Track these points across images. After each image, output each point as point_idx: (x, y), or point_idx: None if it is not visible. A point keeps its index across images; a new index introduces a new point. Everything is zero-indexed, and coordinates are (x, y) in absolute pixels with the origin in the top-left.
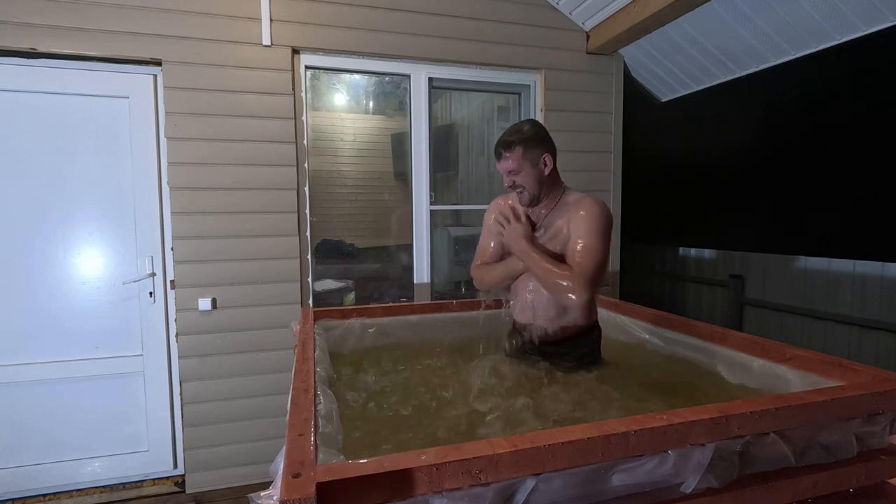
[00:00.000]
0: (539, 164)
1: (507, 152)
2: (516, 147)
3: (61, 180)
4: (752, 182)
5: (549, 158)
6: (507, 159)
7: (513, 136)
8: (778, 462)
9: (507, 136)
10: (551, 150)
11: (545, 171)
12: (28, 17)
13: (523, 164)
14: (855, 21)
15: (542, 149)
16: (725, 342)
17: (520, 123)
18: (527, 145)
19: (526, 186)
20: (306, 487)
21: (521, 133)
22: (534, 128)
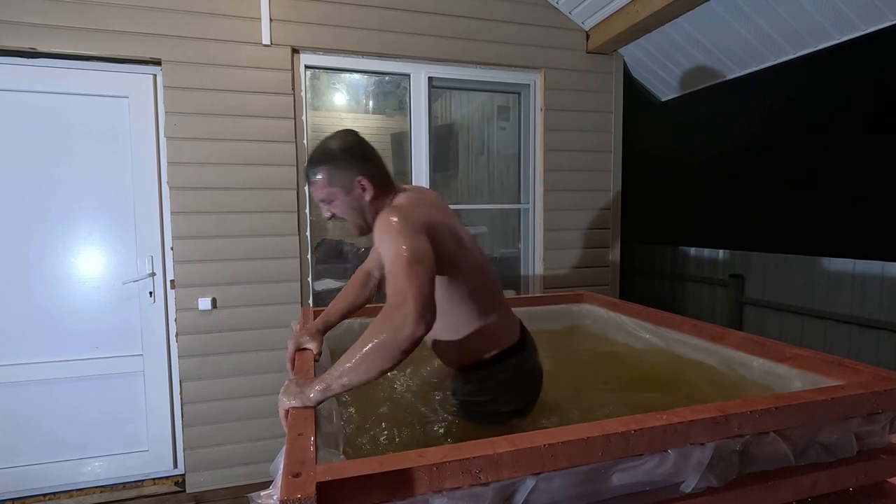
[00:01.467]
0: (353, 190)
1: (313, 177)
2: (321, 171)
3: (61, 180)
4: (751, 181)
5: (365, 181)
6: (315, 186)
7: (316, 155)
8: (778, 461)
9: (312, 155)
10: (368, 170)
11: (365, 197)
12: (28, 16)
13: (333, 191)
14: (855, 20)
15: (355, 171)
16: (726, 341)
17: (328, 138)
18: (333, 168)
19: (345, 217)
20: (306, 487)
21: (326, 153)
22: (342, 144)
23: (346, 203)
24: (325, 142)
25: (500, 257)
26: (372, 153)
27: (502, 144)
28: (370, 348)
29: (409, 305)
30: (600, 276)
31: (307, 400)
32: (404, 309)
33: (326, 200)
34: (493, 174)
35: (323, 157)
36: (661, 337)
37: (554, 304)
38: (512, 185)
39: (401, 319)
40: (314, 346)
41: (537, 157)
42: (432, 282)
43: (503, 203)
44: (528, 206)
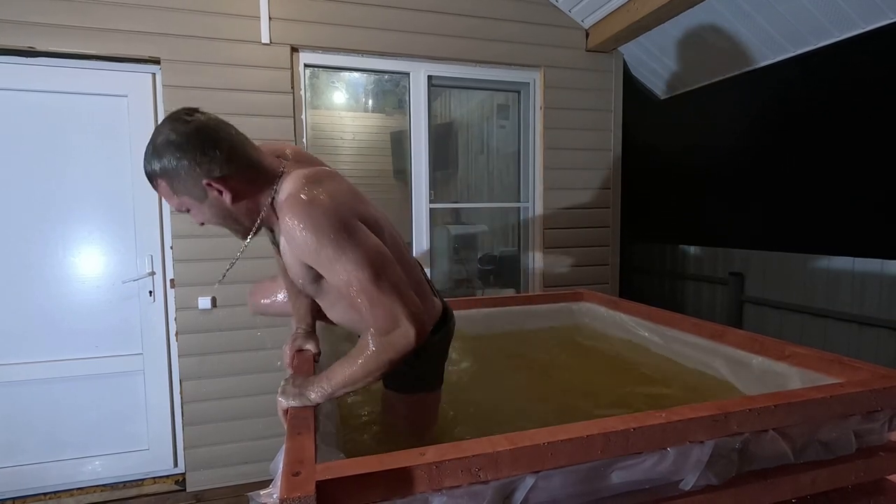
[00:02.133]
0: (206, 196)
1: (155, 189)
2: (159, 184)
3: (60, 179)
4: (751, 179)
5: (216, 184)
6: (163, 197)
7: (147, 164)
8: (777, 459)
9: (144, 162)
10: (215, 168)
11: (225, 201)
12: (26, 15)
13: (185, 201)
14: (854, 18)
15: (197, 173)
16: (725, 340)
17: (155, 130)
18: (169, 180)
19: (217, 224)
20: (306, 486)
21: (154, 154)
22: (170, 138)
23: (207, 212)
24: (154, 135)
25: (499, 256)
26: (215, 138)
27: (502, 143)
28: (374, 367)
29: (405, 325)
30: (600, 275)
31: (307, 400)
32: (402, 330)
33: (181, 210)
34: (493, 173)
35: (153, 161)
36: (661, 335)
37: (553, 303)
38: (511, 184)
39: (403, 342)
40: (313, 346)
41: (537, 156)
42: (405, 280)
43: (503, 202)
44: (528, 205)
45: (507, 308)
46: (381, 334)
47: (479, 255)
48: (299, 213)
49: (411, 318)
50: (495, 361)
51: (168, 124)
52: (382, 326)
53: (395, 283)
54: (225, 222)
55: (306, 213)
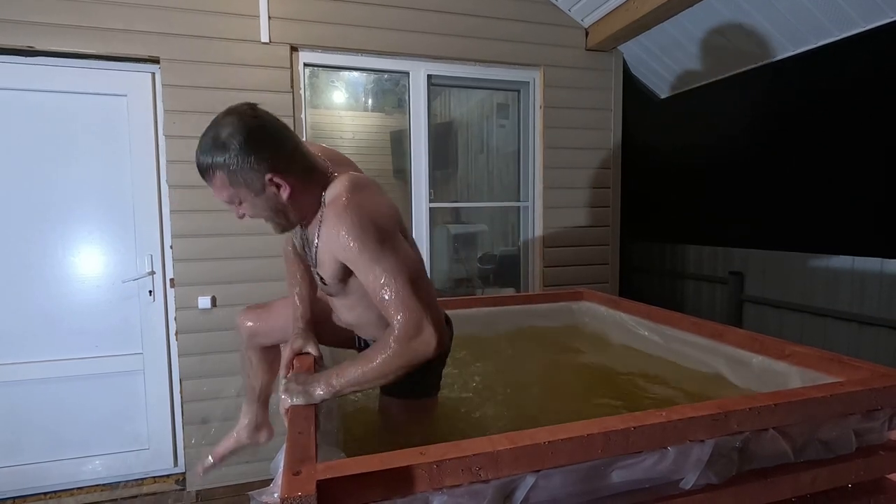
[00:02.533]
0: (265, 190)
1: (209, 181)
2: (216, 175)
3: (60, 179)
4: (751, 179)
5: (278, 179)
6: (213, 186)
7: (207, 156)
8: (777, 458)
9: (201, 153)
10: (280, 163)
11: (282, 196)
12: (26, 14)
13: (238, 192)
14: (854, 17)
15: (263, 167)
16: (725, 339)
17: (219, 124)
18: (230, 172)
19: (265, 217)
20: (307, 485)
21: (218, 147)
22: (238, 132)
23: (260, 205)
24: (216, 129)
25: (499, 255)
26: (281, 136)
27: (502, 142)
28: (389, 369)
29: (429, 333)
30: (600, 274)
31: (311, 398)
32: (424, 338)
33: (232, 202)
34: (493, 172)
35: (215, 153)
36: (661, 335)
37: (553, 302)
38: (511, 183)
39: (423, 349)
40: (313, 349)
41: (537, 155)
42: (433, 294)
43: (503, 201)
44: (528, 204)
45: (507, 307)
46: (405, 338)
47: (478, 255)
48: (352, 213)
49: (435, 328)
50: (495, 361)
51: (234, 118)
52: (408, 331)
53: (426, 292)
54: (274, 216)
55: (357, 214)
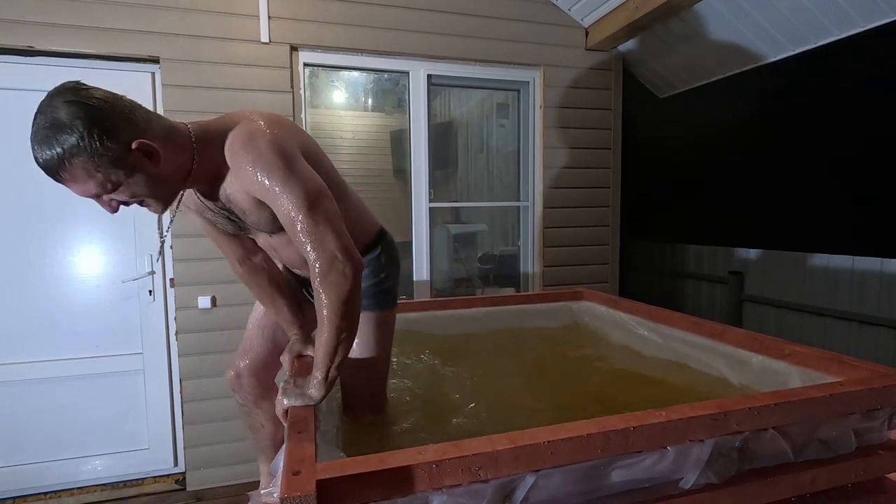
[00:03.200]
0: (136, 163)
1: (64, 176)
2: (74, 165)
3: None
4: (751, 178)
5: (145, 143)
6: (76, 184)
7: (52, 147)
8: (777, 458)
9: (43, 148)
10: (137, 129)
11: (153, 165)
12: (26, 14)
13: (110, 177)
14: (854, 16)
15: (125, 138)
16: (725, 338)
17: (49, 115)
18: (89, 157)
19: (143, 197)
20: (307, 485)
21: (66, 137)
22: (81, 119)
23: (135, 182)
24: (48, 115)
25: (499, 255)
26: (123, 100)
27: (501, 142)
28: (337, 320)
29: (340, 261)
30: (599, 274)
31: (309, 399)
32: (337, 267)
33: (101, 193)
34: (493, 172)
35: (62, 141)
36: (660, 334)
37: (553, 302)
38: (511, 183)
39: (342, 280)
40: (312, 351)
41: (536, 155)
42: (339, 215)
43: (502, 200)
44: (528, 204)
45: (507, 307)
46: (323, 279)
47: (478, 255)
48: (247, 147)
49: (344, 254)
50: (495, 360)
51: (63, 99)
52: (322, 270)
53: (334, 218)
54: (155, 189)
55: (252, 145)
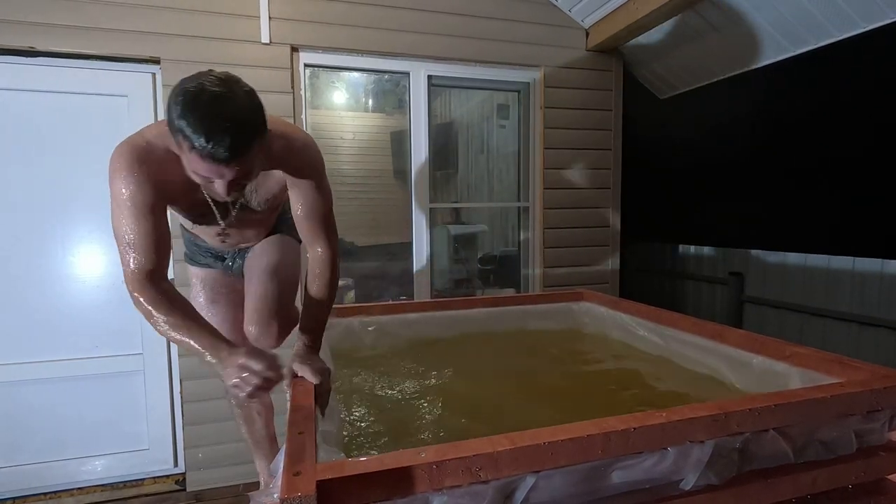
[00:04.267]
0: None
1: (244, 156)
2: (254, 146)
3: (60, 179)
4: (751, 179)
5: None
6: (244, 164)
7: (243, 132)
8: (777, 459)
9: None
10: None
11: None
12: (27, 15)
13: (257, 158)
14: (854, 17)
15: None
16: (725, 339)
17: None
18: (262, 137)
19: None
20: (307, 485)
21: (251, 122)
22: (258, 101)
23: (259, 161)
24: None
25: (499, 255)
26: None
27: (502, 142)
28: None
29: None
30: (600, 275)
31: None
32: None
33: (251, 174)
34: (493, 172)
35: (255, 121)
36: (661, 335)
37: (554, 303)
38: (512, 184)
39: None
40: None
41: (537, 155)
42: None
43: (503, 201)
44: (528, 204)
45: (508, 308)
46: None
47: (479, 255)
48: (307, 147)
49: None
50: (495, 361)
51: (242, 86)
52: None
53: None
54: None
55: (312, 148)
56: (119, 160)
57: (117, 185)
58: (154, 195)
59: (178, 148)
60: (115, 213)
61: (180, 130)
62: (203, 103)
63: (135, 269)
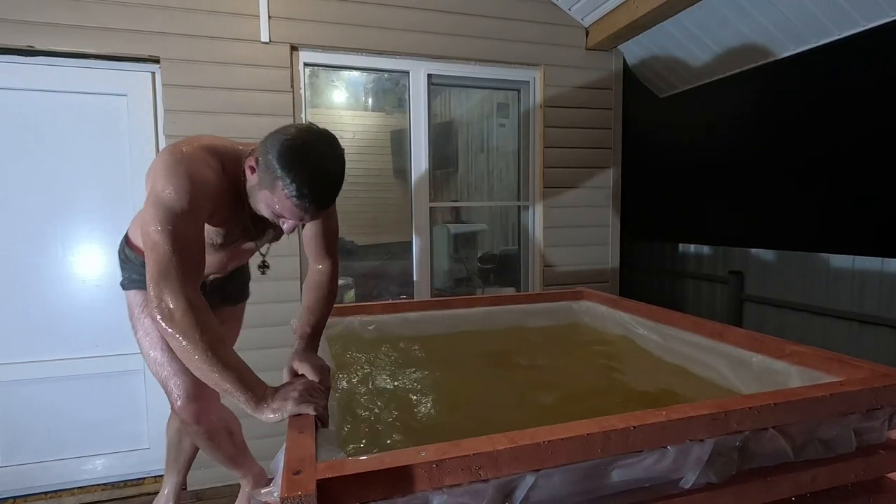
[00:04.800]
0: None
1: (327, 210)
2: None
3: (60, 179)
4: (752, 178)
5: None
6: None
7: (336, 191)
8: (777, 457)
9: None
10: None
11: None
12: (26, 14)
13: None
14: (854, 16)
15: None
16: (725, 338)
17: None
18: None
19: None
20: (307, 484)
21: (342, 181)
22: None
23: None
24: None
25: (499, 254)
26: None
27: (502, 141)
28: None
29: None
30: (600, 273)
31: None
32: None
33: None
34: (493, 171)
35: (342, 181)
36: (661, 334)
37: (553, 302)
38: (511, 183)
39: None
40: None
41: (537, 154)
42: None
43: (503, 200)
44: (528, 203)
45: (507, 307)
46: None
47: (479, 254)
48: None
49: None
50: (495, 360)
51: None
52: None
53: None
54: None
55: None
56: (178, 162)
57: (173, 186)
58: (210, 205)
59: (263, 184)
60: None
61: (282, 177)
62: (314, 160)
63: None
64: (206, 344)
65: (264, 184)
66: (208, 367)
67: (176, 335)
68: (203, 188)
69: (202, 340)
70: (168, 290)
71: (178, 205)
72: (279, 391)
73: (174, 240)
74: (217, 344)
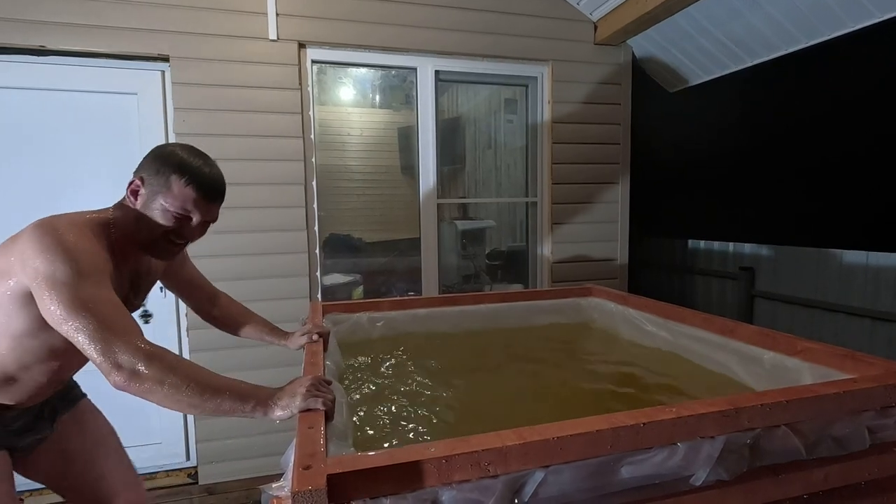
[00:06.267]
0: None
1: (220, 204)
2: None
3: (70, 177)
4: (762, 174)
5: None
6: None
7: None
8: (788, 455)
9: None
10: None
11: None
12: (36, 14)
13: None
14: (869, 7)
15: None
16: (736, 335)
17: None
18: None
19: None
20: (317, 479)
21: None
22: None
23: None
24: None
25: (507, 251)
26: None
27: (510, 137)
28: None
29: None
30: (609, 270)
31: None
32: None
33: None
34: (501, 167)
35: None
36: (670, 331)
37: (562, 298)
38: (519, 179)
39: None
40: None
41: (545, 150)
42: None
43: (511, 196)
44: (536, 200)
45: (516, 303)
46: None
47: (487, 251)
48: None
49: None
50: (503, 357)
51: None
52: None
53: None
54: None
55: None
56: (65, 233)
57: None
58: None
59: (156, 192)
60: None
61: (176, 172)
62: (196, 155)
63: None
64: (185, 379)
65: (157, 191)
66: (200, 400)
67: (152, 388)
68: (86, 247)
69: (180, 378)
70: (119, 351)
71: (73, 273)
72: (286, 388)
73: (91, 306)
74: (196, 374)
